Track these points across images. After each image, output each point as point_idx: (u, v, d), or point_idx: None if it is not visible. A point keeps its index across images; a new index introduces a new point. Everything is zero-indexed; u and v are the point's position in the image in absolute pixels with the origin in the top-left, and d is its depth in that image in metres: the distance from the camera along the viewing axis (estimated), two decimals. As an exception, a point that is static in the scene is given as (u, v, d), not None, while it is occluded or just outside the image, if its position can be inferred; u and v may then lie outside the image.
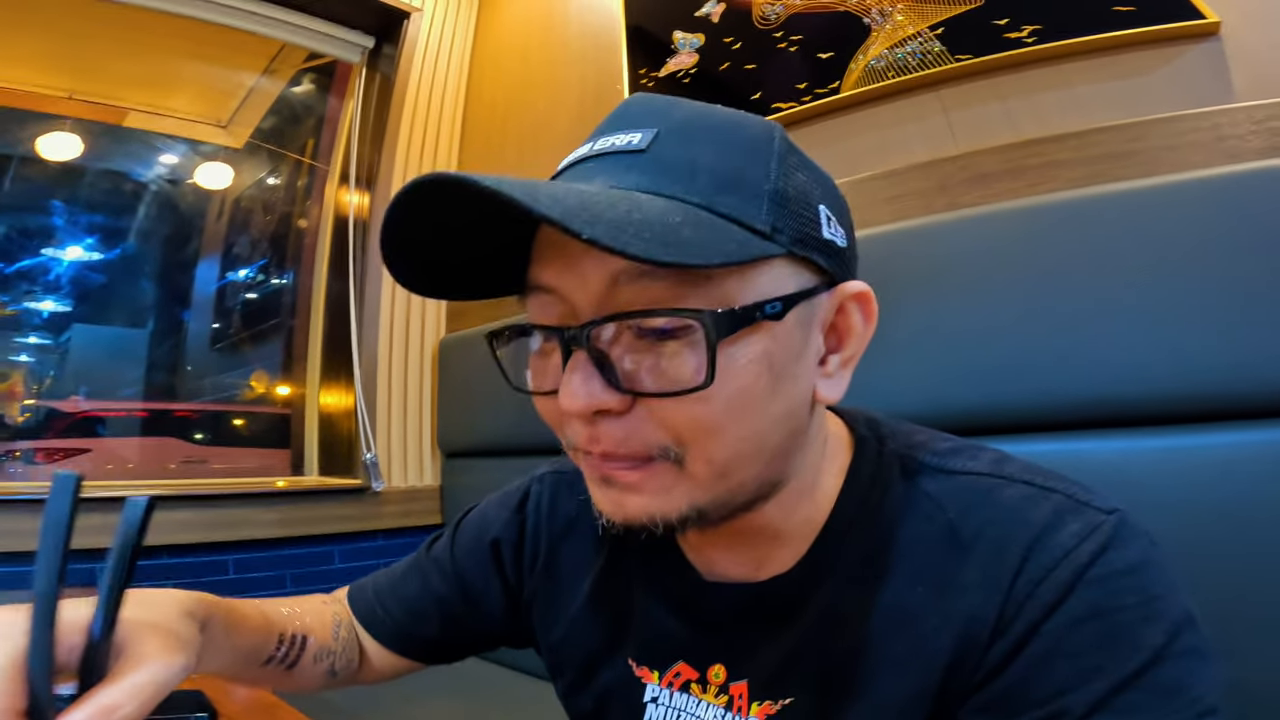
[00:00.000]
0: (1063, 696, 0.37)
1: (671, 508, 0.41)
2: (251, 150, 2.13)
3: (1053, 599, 0.39)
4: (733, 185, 0.40)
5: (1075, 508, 0.42)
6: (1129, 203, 0.90)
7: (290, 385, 2.07)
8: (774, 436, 0.42)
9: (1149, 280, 0.87)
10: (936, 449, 0.48)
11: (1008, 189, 1.08)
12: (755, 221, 0.39)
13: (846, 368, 0.45)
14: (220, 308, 2.11)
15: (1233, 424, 0.83)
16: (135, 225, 1.99)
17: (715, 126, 0.42)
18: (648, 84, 1.52)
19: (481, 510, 0.70)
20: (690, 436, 0.39)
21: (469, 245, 0.43)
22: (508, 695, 1.43)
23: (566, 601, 0.61)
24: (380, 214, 1.84)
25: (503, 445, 1.66)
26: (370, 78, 1.99)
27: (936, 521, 0.44)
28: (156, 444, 1.98)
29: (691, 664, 0.52)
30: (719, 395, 0.38)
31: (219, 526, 1.52)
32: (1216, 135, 0.93)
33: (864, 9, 1.21)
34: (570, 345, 0.40)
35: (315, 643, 0.61)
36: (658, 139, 0.41)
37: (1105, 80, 1.04)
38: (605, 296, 0.39)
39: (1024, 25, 1.06)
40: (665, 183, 0.39)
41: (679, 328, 0.38)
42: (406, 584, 0.68)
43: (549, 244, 0.41)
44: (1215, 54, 0.96)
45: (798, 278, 0.41)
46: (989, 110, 1.14)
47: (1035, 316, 0.94)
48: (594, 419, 0.40)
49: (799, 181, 0.42)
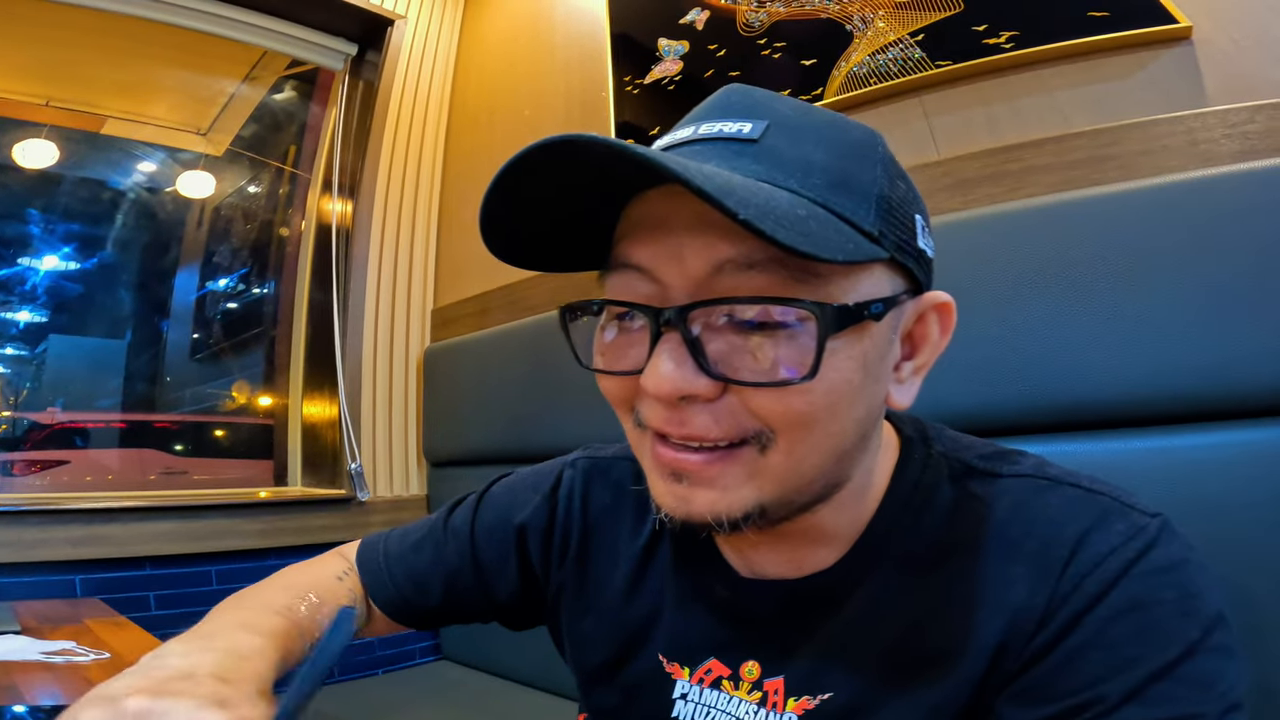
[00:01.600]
0: (1098, 685, 0.38)
1: (738, 505, 0.41)
2: (232, 158, 2.11)
3: (1097, 591, 0.40)
4: (844, 186, 0.40)
5: (1121, 510, 0.43)
6: (1106, 207, 0.92)
7: (272, 395, 2.05)
8: (851, 437, 0.42)
9: (1126, 284, 0.88)
10: (982, 453, 0.49)
11: (988, 194, 1.09)
12: (864, 224, 0.40)
13: (918, 375, 0.46)
14: (200, 317, 2.09)
15: (1210, 425, 0.84)
16: (113, 234, 1.97)
17: (821, 126, 0.42)
18: (633, 91, 1.52)
19: (509, 488, 0.68)
20: (782, 425, 0.40)
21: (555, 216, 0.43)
22: (499, 703, 1.42)
23: (597, 592, 0.60)
24: (364, 221, 1.85)
25: (489, 454, 1.65)
26: (353, 85, 1.98)
27: (985, 521, 0.45)
28: (136, 455, 1.96)
29: (724, 660, 0.52)
30: (818, 388, 0.38)
31: (202, 537, 1.50)
32: (1190, 139, 0.94)
33: (846, 16, 1.23)
34: (663, 326, 0.39)
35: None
36: (768, 131, 0.41)
37: (1082, 85, 1.05)
38: (704, 282, 0.39)
39: (1002, 31, 1.07)
40: (781, 175, 0.39)
41: (786, 320, 0.38)
42: (419, 554, 0.66)
43: (645, 221, 0.41)
44: (1187, 58, 0.98)
45: (892, 283, 0.42)
46: (970, 115, 1.15)
47: (1015, 320, 0.94)
48: (677, 404, 0.40)
49: (900, 190, 0.43)
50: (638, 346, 0.42)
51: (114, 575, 1.41)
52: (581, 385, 1.49)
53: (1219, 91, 0.95)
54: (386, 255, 1.91)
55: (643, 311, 0.41)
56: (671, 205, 0.40)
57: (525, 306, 1.69)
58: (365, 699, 1.41)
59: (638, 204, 0.42)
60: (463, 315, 1.87)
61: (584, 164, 0.38)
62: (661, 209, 0.40)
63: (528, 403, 1.55)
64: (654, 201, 0.41)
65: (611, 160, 0.36)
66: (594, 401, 1.57)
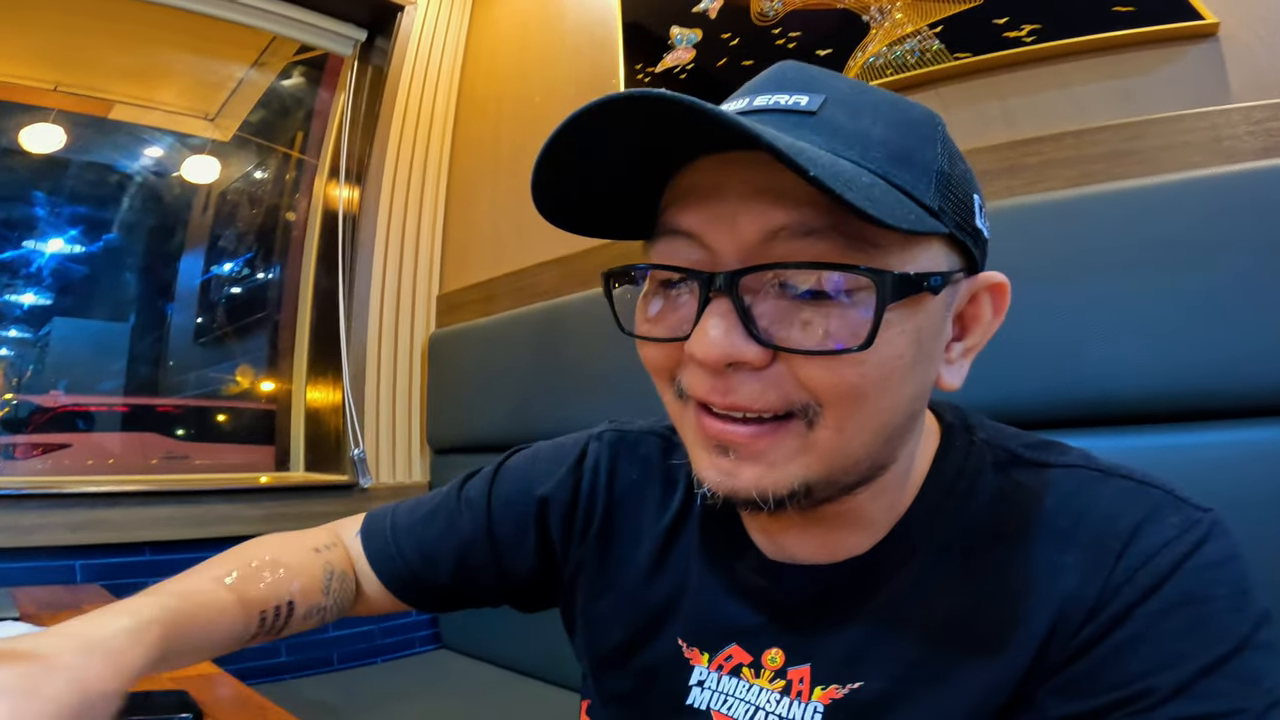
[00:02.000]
0: (1146, 679, 0.37)
1: (784, 481, 0.40)
2: (239, 143, 2.10)
3: (1150, 583, 0.39)
4: (905, 160, 0.40)
5: (1175, 503, 0.42)
6: (1126, 202, 0.91)
7: (276, 381, 2.04)
8: (900, 415, 0.42)
9: (1146, 279, 0.88)
10: (1027, 442, 0.49)
11: (1005, 187, 1.08)
12: (925, 198, 0.39)
13: (968, 356, 0.45)
14: (204, 302, 2.09)
15: (1230, 422, 0.84)
16: (119, 218, 1.96)
17: (880, 103, 0.42)
18: (644, 79, 1.51)
19: (530, 459, 0.65)
20: (828, 400, 0.39)
21: (607, 179, 0.43)
22: (499, 693, 1.42)
23: (618, 571, 0.58)
24: (371, 207, 1.85)
25: (493, 441, 1.64)
26: (362, 71, 1.97)
27: (1032, 510, 0.44)
28: (138, 439, 1.95)
29: (745, 647, 0.50)
30: (871, 360, 0.38)
31: (203, 523, 1.50)
32: (1214, 135, 0.93)
33: (863, 6, 1.21)
34: (712, 292, 0.38)
35: (304, 603, 0.57)
36: (826, 104, 0.40)
37: (1104, 80, 1.04)
38: (756, 249, 0.38)
39: (1023, 24, 1.06)
40: (841, 146, 0.38)
41: (841, 289, 0.37)
42: (429, 525, 0.64)
43: (696, 189, 0.40)
44: (1213, 55, 0.97)
45: (949, 259, 0.42)
46: (987, 108, 1.14)
47: (1033, 314, 0.94)
48: (724, 371, 0.39)
49: (960, 168, 0.43)
50: (684, 312, 0.41)
51: (114, 561, 1.40)
52: (588, 372, 1.50)
53: (1244, 88, 0.94)
54: (393, 241, 1.90)
55: (692, 276, 0.40)
56: (725, 173, 0.39)
57: (532, 293, 1.68)
58: (364, 687, 1.41)
59: (688, 173, 0.41)
60: (468, 301, 1.86)
61: (635, 128, 0.38)
62: (714, 177, 0.40)
63: (533, 389, 1.54)
64: (705, 170, 0.40)
65: (678, 117, 0.35)
66: (600, 388, 1.56)
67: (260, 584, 0.54)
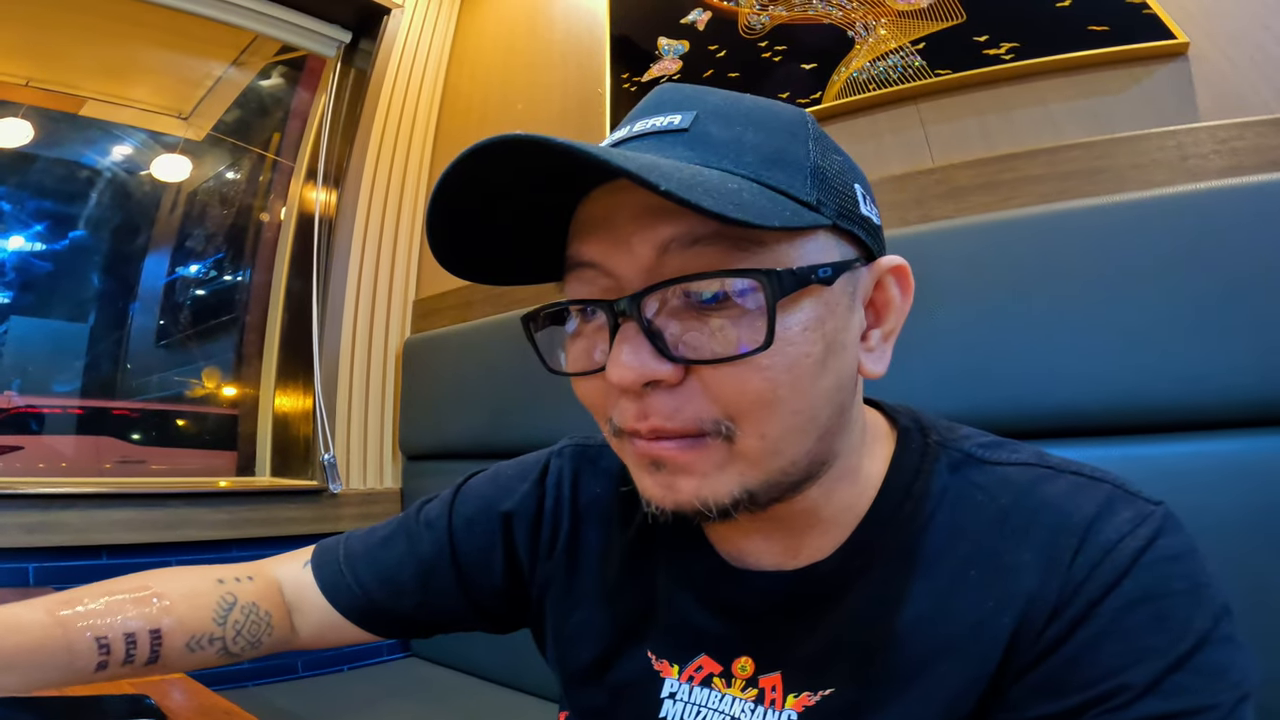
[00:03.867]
0: (1118, 675, 0.38)
1: (724, 490, 0.41)
2: (213, 143, 2.07)
3: (1109, 579, 0.39)
4: (777, 162, 0.41)
5: (1126, 497, 0.43)
6: (1096, 219, 0.93)
7: (240, 385, 1.99)
8: (824, 411, 0.42)
9: (1113, 295, 0.90)
10: (980, 442, 0.49)
11: (981, 203, 1.11)
12: (801, 194, 0.40)
13: (888, 342, 0.46)
14: (169, 303, 2.03)
15: (1197, 434, 0.86)
16: (83, 216, 1.91)
17: (750, 110, 0.43)
18: (630, 89, 1.53)
19: (491, 478, 0.65)
20: (743, 409, 0.39)
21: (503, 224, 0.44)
22: (469, 701, 1.38)
23: (585, 587, 0.57)
24: (349, 211, 1.82)
25: (467, 449, 1.62)
26: (345, 73, 1.96)
27: (988, 509, 0.45)
28: (92, 442, 1.88)
29: (714, 657, 0.50)
30: (775, 363, 0.38)
31: (163, 526, 1.45)
32: (1180, 154, 0.97)
33: (848, 22, 1.25)
34: (619, 317, 0.39)
35: (183, 632, 0.55)
36: (698, 120, 0.42)
37: (1077, 98, 1.08)
38: (653, 267, 0.39)
39: (1002, 43, 1.10)
40: (714, 158, 0.40)
41: (735, 291, 0.38)
42: (388, 550, 0.63)
43: (592, 220, 0.42)
44: (1182, 73, 1.01)
45: (841, 249, 0.42)
46: (965, 125, 1.17)
47: (1004, 328, 0.96)
48: (643, 392, 0.40)
49: (835, 161, 0.44)
50: (601, 344, 0.42)
51: (70, 564, 1.34)
52: (565, 382, 1.48)
53: (1211, 107, 0.98)
54: (370, 245, 1.88)
55: (597, 305, 0.41)
56: (615, 200, 0.40)
57: (510, 300, 1.67)
58: (330, 695, 1.37)
59: (584, 206, 0.43)
60: (445, 307, 1.84)
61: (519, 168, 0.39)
62: (606, 205, 0.41)
63: (509, 398, 1.53)
64: (598, 201, 0.42)
65: (535, 154, 0.36)
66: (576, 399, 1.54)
67: (113, 615, 0.52)
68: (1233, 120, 0.94)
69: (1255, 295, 0.83)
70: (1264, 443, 0.82)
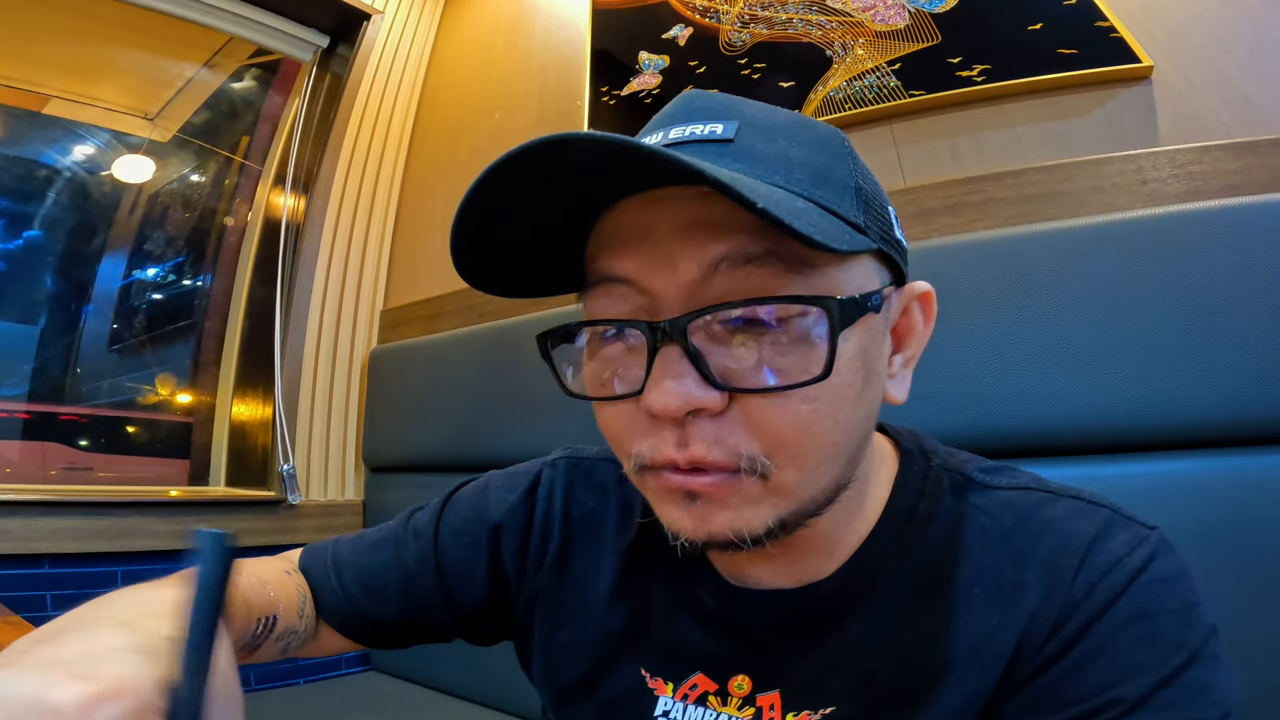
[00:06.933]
0: (1111, 690, 0.38)
1: (758, 522, 0.39)
2: (179, 144, 2.03)
3: (1107, 598, 0.40)
4: (826, 180, 0.39)
5: (1122, 521, 0.44)
6: (1058, 241, 0.95)
7: (196, 392, 1.93)
8: (856, 438, 0.41)
9: (1074, 317, 0.92)
10: (980, 466, 0.49)
11: (949, 224, 1.13)
12: (850, 215, 0.39)
13: (908, 367, 0.46)
14: (123, 307, 1.96)
15: (1150, 455, 0.88)
16: (37, 216, 1.85)
17: (788, 123, 0.42)
18: (609, 102, 1.54)
19: (481, 488, 0.63)
20: (785, 440, 0.38)
21: (529, 231, 0.41)
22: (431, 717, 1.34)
23: (577, 601, 0.56)
24: (317, 217, 1.79)
25: (433, 462, 1.59)
26: (320, 78, 1.94)
27: (990, 531, 0.45)
28: (38, 449, 1.80)
29: (710, 675, 0.49)
30: (822, 394, 0.37)
31: (108, 536, 1.39)
32: (1140, 178, 1.00)
33: (827, 42, 1.28)
34: (660, 340, 0.37)
35: (281, 624, 0.54)
36: (741, 130, 0.40)
37: (1043, 120, 1.12)
38: (697, 287, 0.37)
39: (975, 65, 1.13)
40: (765, 173, 0.38)
41: (794, 319, 0.36)
42: (373, 557, 0.61)
43: (624, 232, 0.39)
44: (1145, 97, 1.05)
45: (880, 275, 0.42)
46: (936, 146, 1.20)
47: (968, 349, 0.96)
48: (684, 421, 0.38)
49: (872, 182, 0.43)
50: (627, 367, 0.40)
51: (10, 573, 1.28)
52: (535, 395, 1.47)
53: (1171, 130, 1.02)
54: (338, 253, 1.86)
55: (636, 327, 0.39)
56: (653, 212, 0.38)
57: (480, 312, 1.66)
58: (285, 710, 1.31)
59: (612, 216, 0.40)
60: (413, 318, 1.82)
61: (557, 170, 0.36)
62: (642, 218, 0.39)
63: (477, 411, 1.51)
64: (631, 211, 0.39)
65: (606, 156, 0.34)
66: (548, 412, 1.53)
67: (255, 588, 0.52)
68: (1191, 145, 0.97)
69: (1209, 318, 0.85)
70: (1219, 463, 0.84)
